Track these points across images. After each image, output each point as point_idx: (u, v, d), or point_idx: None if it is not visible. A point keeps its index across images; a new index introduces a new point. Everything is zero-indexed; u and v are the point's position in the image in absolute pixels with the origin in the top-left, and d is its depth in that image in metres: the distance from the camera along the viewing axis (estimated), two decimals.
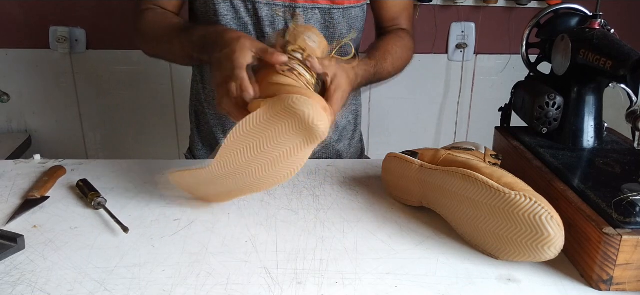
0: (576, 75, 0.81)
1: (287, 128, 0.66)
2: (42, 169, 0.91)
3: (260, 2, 0.92)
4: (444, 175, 0.71)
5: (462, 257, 0.68)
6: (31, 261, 0.66)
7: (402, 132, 2.05)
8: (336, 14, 0.96)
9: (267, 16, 0.93)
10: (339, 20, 0.97)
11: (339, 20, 0.97)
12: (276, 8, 0.93)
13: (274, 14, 0.94)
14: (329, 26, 0.97)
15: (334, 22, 0.96)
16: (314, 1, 0.94)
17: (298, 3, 0.93)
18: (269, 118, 0.66)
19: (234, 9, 0.93)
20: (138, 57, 1.90)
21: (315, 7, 0.94)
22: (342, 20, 0.97)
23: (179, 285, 0.61)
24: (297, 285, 0.62)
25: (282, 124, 0.66)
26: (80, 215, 0.77)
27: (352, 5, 0.97)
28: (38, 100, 1.95)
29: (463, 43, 1.95)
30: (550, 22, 0.88)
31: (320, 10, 0.95)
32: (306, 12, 0.95)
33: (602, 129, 0.83)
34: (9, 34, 1.86)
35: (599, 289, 0.61)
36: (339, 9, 0.96)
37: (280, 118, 0.66)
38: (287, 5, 0.93)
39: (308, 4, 0.94)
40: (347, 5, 0.96)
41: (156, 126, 2.00)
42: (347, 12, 0.97)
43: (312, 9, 0.94)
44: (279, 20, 0.94)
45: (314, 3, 0.94)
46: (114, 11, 1.85)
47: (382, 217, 0.77)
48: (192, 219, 0.76)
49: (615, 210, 0.62)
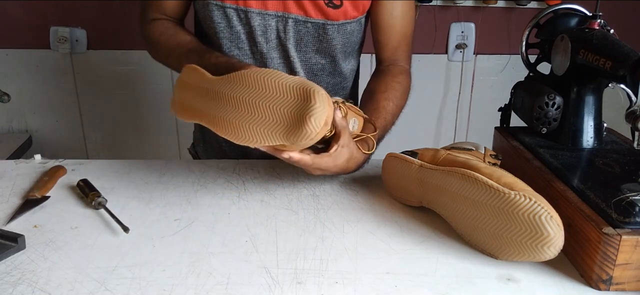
0: (576, 76, 0.81)
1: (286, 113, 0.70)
2: (42, 169, 0.91)
3: (252, 11, 0.91)
4: (444, 175, 0.71)
5: (461, 256, 0.68)
6: (32, 261, 0.66)
7: (402, 132, 2.04)
8: (330, 29, 0.93)
9: (259, 25, 0.92)
10: (333, 36, 0.94)
11: (333, 36, 0.94)
12: (268, 17, 0.92)
13: (266, 24, 0.92)
14: (322, 41, 0.95)
15: (328, 37, 0.94)
16: (307, 15, 0.91)
17: (290, 14, 0.91)
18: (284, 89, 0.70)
19: (226, 17, 0.91)
20: (138, 57, 1.91)
21: (308, 21, 0.92)
22: (337, 36, 0.95)
23: (179, 285, 0.62)
24: (297, 285, 0.62)
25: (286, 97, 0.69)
26: (80, 215, 0.77)
27: (348, 20, 0.94)
28: (38, 101, 1.95)
29: (463, 43, 1.96)
30: (550, 22, 0.88)
31: (314, 25, 0.93)
32: (298, 24, 0.92)
33: (602, 129, 0.83)
34: (9, 34, 1.86)
35: (599, 288, 0.61)
36: (333, 25, 0.93)
37: (290, 98, 0.69)
38: (280, 14, 0.92)
39: (300, 16, 0.91)
40: (343, 21, 0.93)
41: (156, 126, 2.00)
42: (342, 28, 0.94)
43: (305, 23, 0.92)
44: (271, 30, 0.93)
45: (306, 17, 0.92)
46: (114, 11, 1.85)
47: (382, 217, 0.78)
48: (192, 219, 0.76)
49: (614, 210, 0.62)
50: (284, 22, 0.92)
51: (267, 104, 0.71)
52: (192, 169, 0.92)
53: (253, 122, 0.72)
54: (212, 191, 0.84)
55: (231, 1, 0.90)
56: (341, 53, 0.99)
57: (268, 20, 0.92)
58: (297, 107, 0.69)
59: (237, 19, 0.92)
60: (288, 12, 0.91)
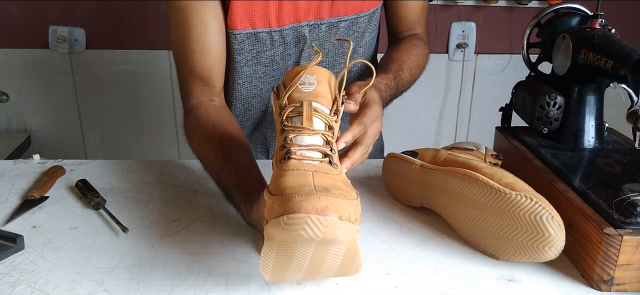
0: (577, 75, 0.81)
1: (304, 249, 0.52)
2: (41, 169, 0.90)
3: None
4: (445, 176, 0.71)
5: (462, 257, 0.68)
6: (30, 261, 0.66)
7: (402, 132, 2.04)
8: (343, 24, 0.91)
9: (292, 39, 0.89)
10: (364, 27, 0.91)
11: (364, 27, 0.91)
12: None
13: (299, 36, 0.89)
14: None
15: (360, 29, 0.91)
16: (321, 17, 0.88)
17: (284, 27, 0.87)
18: (279, 249, 0.53)
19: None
20: (137, 57, 1.90)
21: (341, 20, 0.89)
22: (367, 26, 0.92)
23: (179, 286, 0.61)
24: (297, 285, 0.62)
25: (295, 248, 0.52)
26: (79, 216, 0.77)
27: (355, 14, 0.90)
28: (37, 100, 1.95)
29: (463, 43, 1.95)
30: (551, 21, 0.88)
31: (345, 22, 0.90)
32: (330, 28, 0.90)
33: (603, 129, 0.83)
34: (8, 34, 1.86)
35: (600, 289, 0.61)
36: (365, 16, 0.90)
37: (289, 244, 0.52)
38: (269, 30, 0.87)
39: (288, 26, 0.87)
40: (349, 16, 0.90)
41: (156, 126, 2.00)
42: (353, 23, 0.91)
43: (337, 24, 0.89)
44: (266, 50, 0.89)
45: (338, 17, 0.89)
46: (113, 11, 1.85)
47: (382, 217, 0.77)
48: (191, 219, 0.76)
49: (616, 211, 0.62)
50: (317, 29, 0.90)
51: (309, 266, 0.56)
52: (192, 169, 0.92)
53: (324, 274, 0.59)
54: (212, 191, 0.84)
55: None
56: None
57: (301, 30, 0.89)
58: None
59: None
60: (280, 26, 0.87)
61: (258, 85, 0.93)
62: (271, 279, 0.56)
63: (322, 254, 0.53)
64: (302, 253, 0.53)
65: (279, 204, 0.50)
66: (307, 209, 0.48)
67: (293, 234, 0.49)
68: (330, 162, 0.57)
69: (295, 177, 0.53)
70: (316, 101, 0.60)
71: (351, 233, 0.51)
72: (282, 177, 0.54)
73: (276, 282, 0.60)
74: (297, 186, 0.52)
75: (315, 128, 0.58)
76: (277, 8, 0.84)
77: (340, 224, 0.49)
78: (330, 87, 0.63)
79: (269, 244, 0.52)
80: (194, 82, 0.85)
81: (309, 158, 0.56)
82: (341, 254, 0.54)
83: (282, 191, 0.52)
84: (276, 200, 0.51)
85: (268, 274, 0.55)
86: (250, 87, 0.93)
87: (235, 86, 0.92)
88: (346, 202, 0.51)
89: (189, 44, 0.82)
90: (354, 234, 0.52)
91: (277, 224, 0.49)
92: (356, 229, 0.52)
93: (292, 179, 0.53)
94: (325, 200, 0.49)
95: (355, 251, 0.55)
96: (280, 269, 0.55)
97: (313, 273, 0.57)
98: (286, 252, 0.53)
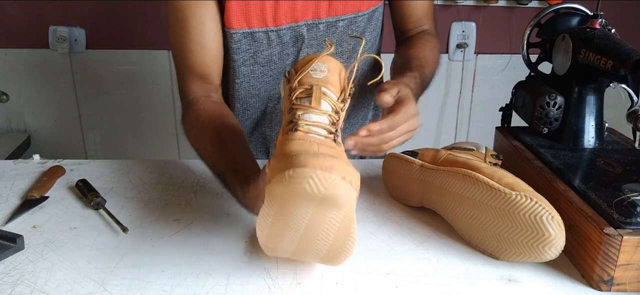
0: (577, 75, 0.81)
1: (304, 209, 0.54)
2: (41, 169, 0.90)
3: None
4: (445, 176, 0.71)
5: (462, 257, 0.68)
6: (30, 261, 0.66)
7: None
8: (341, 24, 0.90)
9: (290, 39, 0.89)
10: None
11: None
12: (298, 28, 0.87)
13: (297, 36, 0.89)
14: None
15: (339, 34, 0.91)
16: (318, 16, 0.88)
17: (281, 26, 0.87)
18: (279, 208, 0.54)
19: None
20: (137, 57, 1.90)
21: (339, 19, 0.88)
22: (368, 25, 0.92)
23: (179, 286, 0.61)
24: (297, 285, 0.62)
25: (295, 207, 0.54)
26: (79, 216, 0.77)
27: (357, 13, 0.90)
28: (37, 100, 1.95)
29: (463, 43, 1.95)
30: (551, 21, 0.88)
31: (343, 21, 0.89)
32: (329, 27, 0.89)
33: (603, 128, 0.83)
34: (8, 34, 1.86)
35: (600, 289, 0.61)
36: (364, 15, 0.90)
37: (290, 203, 0.54)
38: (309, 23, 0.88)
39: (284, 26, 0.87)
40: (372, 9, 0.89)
41: (156, 126, 2.00)
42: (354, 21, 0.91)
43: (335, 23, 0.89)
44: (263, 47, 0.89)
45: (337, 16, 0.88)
46: (113, 11, 1.85)
47: (382, 217, 0.77)
48: (191, 219, 0.76)
49: (616, 211, 0.62)
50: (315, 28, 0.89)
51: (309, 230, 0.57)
52: (192, 169, 0.92)
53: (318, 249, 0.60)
54: (212, 191, 0.84)
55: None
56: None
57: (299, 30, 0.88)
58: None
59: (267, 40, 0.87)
60: (278, 26, 0.87)
61: (256, 85, 0.93)
62: (266, 241, 0.58)
63: (319, 218, 0.55)
64: (301, 215, 0.54)
65: (285, 162, 0.52)
66: (313, 164, 0.50)
67: (297, 186, 0.50)
68: (334, 139, 0.59)
69: (301, 145, 0.55)
70: (326, 87, 0.61)
71: (351, 197, 0.53)
72: (287, 144, 0.56)
73: (270, 247, 0.61)
74: (302, 151, 0.54)
75: (323, 109, 0.60)
76: (273, 8, 0.84)
77: (343, 183, 0.51)
78: (340, 77, 0.64)
79: (269, 202, 0.54)
80: (192, 79, 0.86)
81: (315, 132, 0.58)
82: (338, 221, 0.55)
83: (288, 153, 0.54)
84: (281, 159, 0.53)
85: (264, 235, 0.57)
86: (248, 87, 0.93)
87: (234, 86, 0.92)
88: (350, 167, 0.53)
89: (187, 43, 0.83)
90: (353, 201, 0.54)
91: (281, 178, 0.51)
92: (356, 195, 0.53)
93: (298, 145, 0.55)
94: (331, 161, 0.51)
95: (350, 224, 0.56)
96: (277, 232, 0.57)
97: (306, 245, 0.58)
98: (285, 214, 0.54)
